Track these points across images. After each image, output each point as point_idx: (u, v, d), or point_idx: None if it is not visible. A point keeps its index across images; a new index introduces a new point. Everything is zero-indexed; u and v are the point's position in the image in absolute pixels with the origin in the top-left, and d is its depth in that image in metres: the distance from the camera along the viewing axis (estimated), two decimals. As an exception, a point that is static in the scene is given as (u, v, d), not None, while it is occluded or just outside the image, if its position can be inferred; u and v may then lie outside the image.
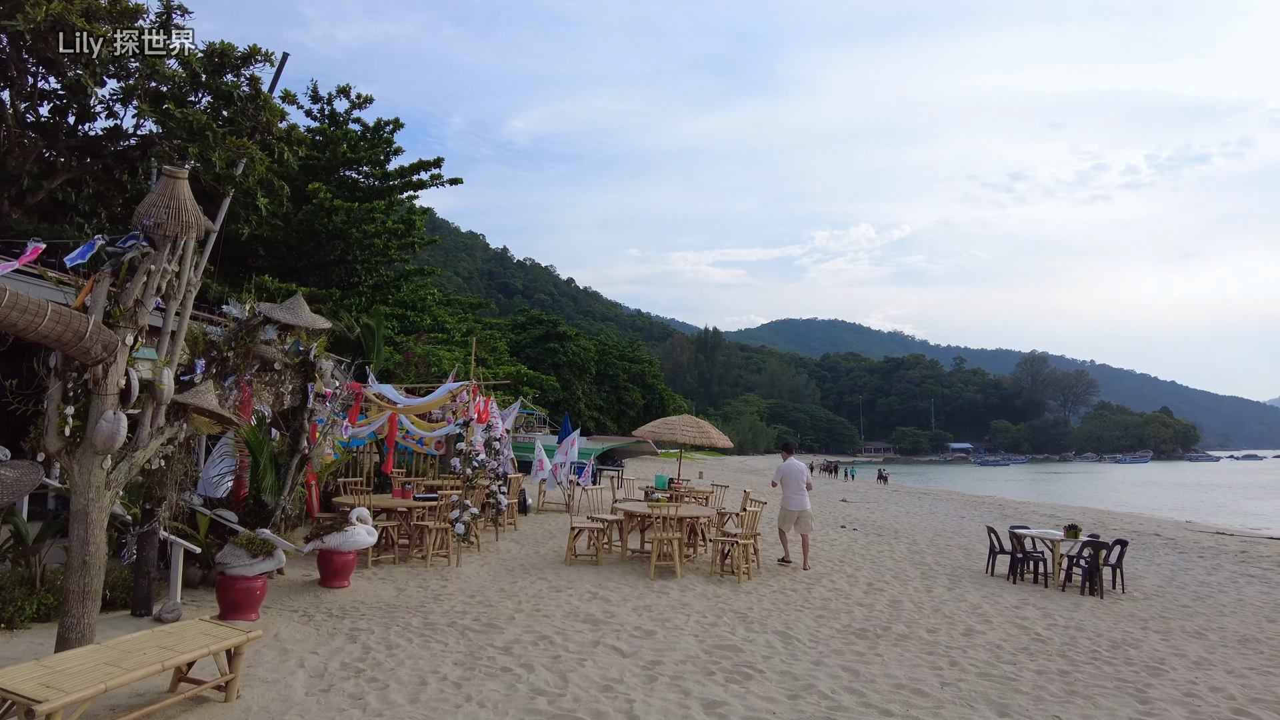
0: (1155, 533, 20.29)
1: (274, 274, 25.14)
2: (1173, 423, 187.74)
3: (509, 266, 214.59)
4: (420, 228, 31.51)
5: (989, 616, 8.69)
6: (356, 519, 8.34)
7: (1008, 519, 24.07)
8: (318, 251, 28.23)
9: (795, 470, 12.15)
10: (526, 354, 64.41)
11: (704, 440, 13.80)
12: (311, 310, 24.89)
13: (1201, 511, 34.42)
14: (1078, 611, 9.27)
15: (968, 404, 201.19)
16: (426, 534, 9.77)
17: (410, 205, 32.14)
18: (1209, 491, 53.12)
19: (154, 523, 6.22)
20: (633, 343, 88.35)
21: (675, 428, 13.89)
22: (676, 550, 9.51)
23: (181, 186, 5.09)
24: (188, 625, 4.83)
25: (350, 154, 28.29)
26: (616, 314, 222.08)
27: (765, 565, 11.07)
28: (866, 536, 16.28)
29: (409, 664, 5.92)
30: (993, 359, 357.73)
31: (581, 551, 11.11)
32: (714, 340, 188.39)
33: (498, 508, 11.86)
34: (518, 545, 11.88)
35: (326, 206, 26.33)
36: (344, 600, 7.85)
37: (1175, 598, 10.65)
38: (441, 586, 8.73)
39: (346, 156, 28.30)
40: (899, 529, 18.68)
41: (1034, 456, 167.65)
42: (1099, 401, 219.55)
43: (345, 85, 30.15)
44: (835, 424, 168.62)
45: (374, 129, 30.32)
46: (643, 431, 14.20)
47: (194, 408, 5.74)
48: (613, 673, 5.95)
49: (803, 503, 11.81)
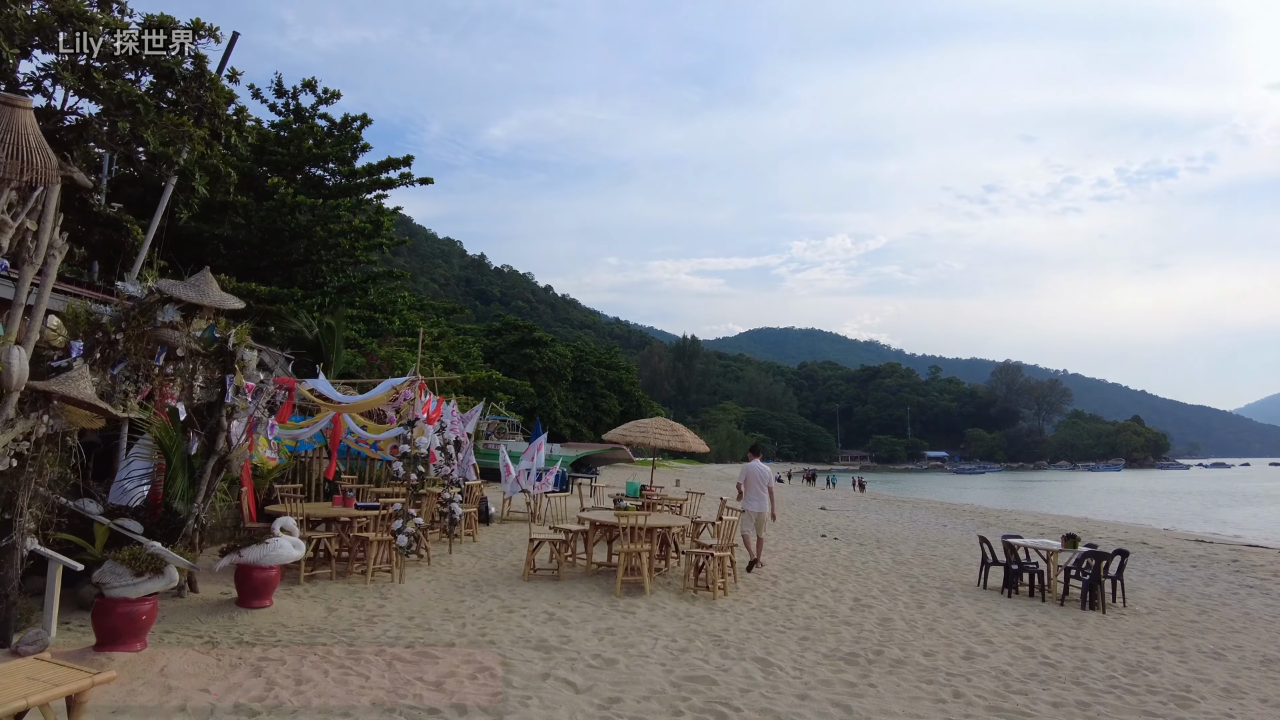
0: (1142, 541, 19.71)
1: (236, 274, 23.99)
2: (1144, 431, 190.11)
3: (486, 273, 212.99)
4: (389, 228, 30.43)
5: (989, 636, 7.87)
6: (280, 529, 7.34)
7: (991, 527, 23.43)
8: (280, 251, 27.07)
9: (760, 472, 11.77)
10: (501, 360, 63.22)
11: (678, 444, 12.90)
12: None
13: (1180, 519, 34.12)
14: (1082, 629, 8.49)
15: (943, 413, 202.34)
16: (368, 546, 8.78)
17: (379, 205, 31.05)
18: (1183, 499, 53.15)
19: (12, 536, 5.18)
20: (610, 349, 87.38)
21: (648, 431, 12.97)
22: (645, 564, 8.60)
23: (23, 119, 4.11)
24: (17, 665, 3.84)
25: (316, 150, 27.17)
26: (595, 321, 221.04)
27: (743, 579, 10.21)
28: (849, 546, 15.48)
29: (316, 704, 4.95)
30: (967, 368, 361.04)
31: (542, 565, 10.16)
32: (692, 348, 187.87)
33: (451, 517, 10.85)
34: (473, 558, 10.90)
35: (289, 203, 25.20)
36: (261, 623, 6.84)
37: (1180, 612, 9.93)
38: (379, 606, 7.73)
39: (312, 152, 27.17)
40: (881, 538, 17.92)
41: (1009, 465, 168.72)
42: (1072, 410, 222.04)
43: (311, 79, 28.99)
44: (813, 432, 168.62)
45: (341, 125, 29.23)
46: (614, 435, 13.31)
47: (59, 396, 4.76)
48: (561, 714, 5.02)
49: (763, 504, 11.46)
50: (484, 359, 57.27)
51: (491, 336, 68.53)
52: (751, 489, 11.73)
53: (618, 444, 34.78)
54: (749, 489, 11.70)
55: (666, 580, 9.84)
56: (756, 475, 11.75)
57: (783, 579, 10.61)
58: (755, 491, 11.70)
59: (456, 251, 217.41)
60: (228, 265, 25.86)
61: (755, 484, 11.73)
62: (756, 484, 11.72)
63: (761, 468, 11.81)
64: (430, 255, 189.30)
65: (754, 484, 11.74)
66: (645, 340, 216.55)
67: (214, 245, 26.43)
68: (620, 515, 8.76)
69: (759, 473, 11.76)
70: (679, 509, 13.05)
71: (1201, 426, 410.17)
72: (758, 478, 11.73)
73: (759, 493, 11.65)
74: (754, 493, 11.71)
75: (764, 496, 11.55)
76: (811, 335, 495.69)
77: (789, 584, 10.24)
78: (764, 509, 11.52)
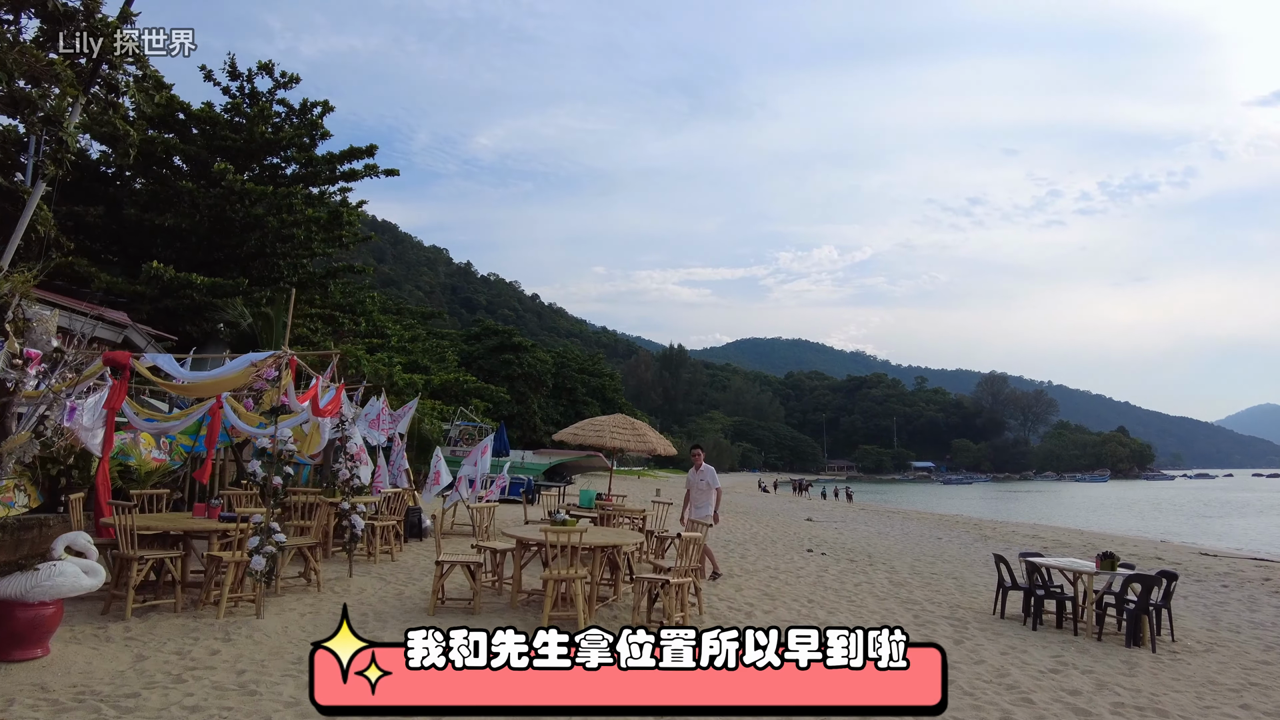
0: (1156, 556, 17.96)
1: (185, 267, 21.98)
2: (1129, 442, 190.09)
3: (472, 281, 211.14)
4: (354, 222, 28.44)
5: (1026, 691, 5.99)
6: (64, 550, 5.38)
7: (989, 540, 21.64)
8: (232, 243, 25.04)
9: (705, 479, 10.47)
10: (479, 365, 61.20)
11: (640, 444, 10.99)
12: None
13: (1179, 531, 32.53)
14: (1137, 676, 6.65)
15: (929, 423, 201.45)
16: (224, 569, 6.82)
17: (344, 199, 29.04)
18: (1175, 510, 51.67)
19: None
20: (592, 356, 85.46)
21: (604, 429, 11.04)
22: (580, 594, 6.70)
23: None
24: None
25: (271, 135, 25.17)
26: (582, 330, 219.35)
27: (710, 608, 8.29)
28: (838, 563, 13.60)
29: None
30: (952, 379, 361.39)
31: (458, 594, 8.25)
32: (679, 357, 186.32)
33: (353, 533, 8.85)
34: (380, 583, 8.94)
35: (238, 190, 23.20)
36: (14, 684, 4.87)
37: (1241, 649, 8.10)
38: (211, 654, 5.75)
39: (266, 138, 25.15)
40: (873, 553, 16.08)
41: (995, 475, 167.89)
42: (1058, 421, 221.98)
43: (268, 61, 27.01)
44: (799, 442, 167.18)
45: (301, 111, 27.25)
46: (564, 435, 11.37)
47: None
48: None
49: (707, 511, 10.27)
50: (461, 364, 55.24)
51: (469, 342, 66.51)
52: (697, 497, 10.30)
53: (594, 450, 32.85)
54: (696, 494, 10.29)
55: (614, 612, 7.93)
56: (692, 477, 10.44)
57: (760, 607, 8.69)
58: (700, 499, 10.29)
59: (442, 259, 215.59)
60: (178, 259, 23.82)
61: (702, 491, 10.32)
62: (693, 488, 10.37)
63: (706, 472, 10.39)
64: (416, 263, 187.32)
65: (700, 491, 10.33)
66: (632, 349, 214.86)
67: (161, 237, 24.39)
68: (551, 531, 6.83)
69: (706, 479, 10.37)
70: (639, 523, 11.13)
71: (1184, 438, 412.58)
72: (693, 479, 10.40)
73: (705, 499, 10.24)
74: (694, 498, 10.34)
75: (710, 502, 10.26)
76: (798, 346, 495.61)
77: (767, 614, 8.31)
78: (708, 515, 10.21)
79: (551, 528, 6.92)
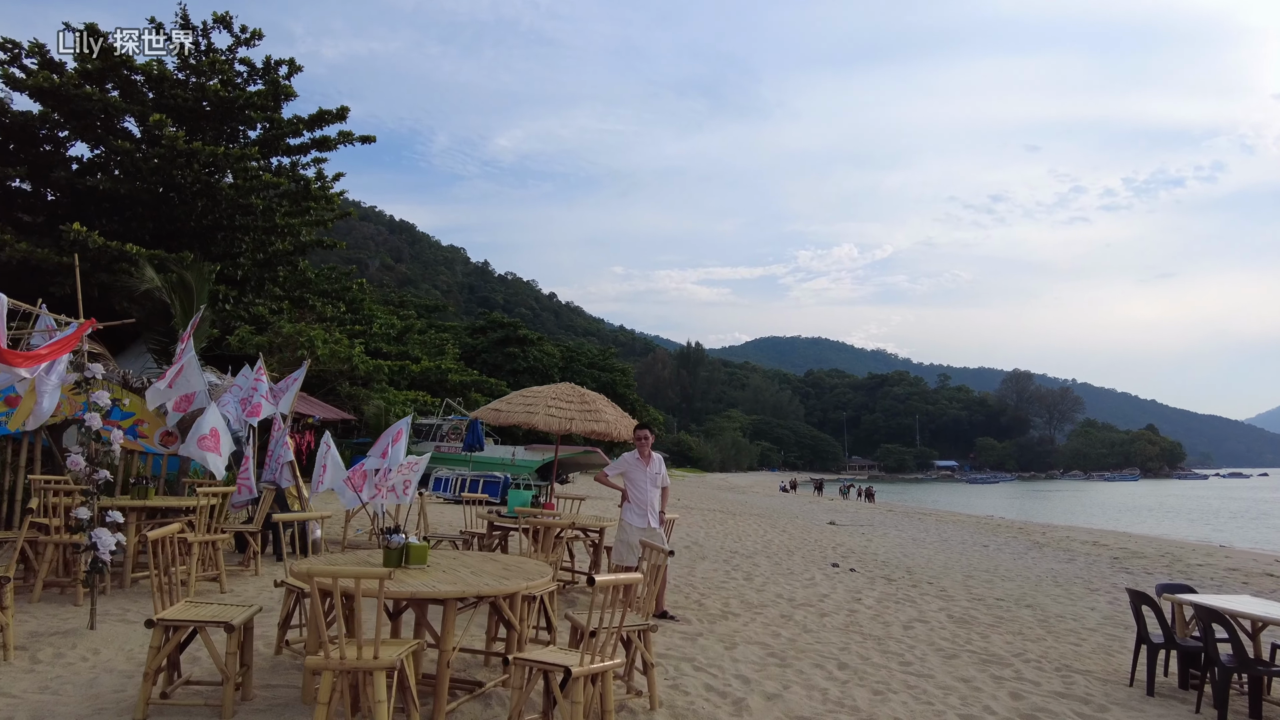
0: (1267, 573, 14.82)
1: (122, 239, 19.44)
2: (1159, 440, 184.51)
3: (489, 281, 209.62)
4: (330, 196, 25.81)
5: None
6: None
7: (1042, 549, 18.59)
8: (178, 213, 22.45)
9: (646, 468, 7.13)
10: (483, 359, 58.68)
11: (593, 426, 7.93)
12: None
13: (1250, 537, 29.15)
14: None
15: (952, 421, 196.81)
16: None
17: (319, 171, 26.39)
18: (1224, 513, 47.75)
19: None
20: (604, 351, 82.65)
21: (536, 405, 7.93)
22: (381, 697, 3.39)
23: None
24: None
25: (224, 93, 22.52)
26: (599, 329, 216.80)
27: (671, 706, 4.81)
28: (873, 585, 10.69)
29: None
30: (975, 377, 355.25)
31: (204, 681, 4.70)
32: (696, 355, 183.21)
33: (95, 559, 5.50)
34: (134, 636, 5.63)
35: (180, 149, 20.56)
36: None
37: None
38: None
39: (219, 95, 22.49)
40: (913, 567, 13.15)
41: (1020, 474, 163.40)
42: (1084, 419, 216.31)
43: (225, 13, 24.42)
44: (819, 441, 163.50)
45: (264, 70, 24.64)
46: (483, 412, 8.32)
47: None
48: None
49: (647, 515, 6.99)
50: (463, 358, 52.65)
51: (474, 335, 64.07)
52: (634, 492, 7.06)
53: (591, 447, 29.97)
54: (630, 491, 7.11)
55: (493, 713, 4.45)
56: (641, 472, 7.10)
57: (761, 687, 5.23)
58: (637, 496, 7.04)
59: (460, 259, 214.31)
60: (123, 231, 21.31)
61: (640, 484, 7.06)
62: (640, 485, 7.06)
63: (648, 462, 7.14)
64: (433, 262, 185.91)
65: (638, 484, 7.06)
66: (650, 348, 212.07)
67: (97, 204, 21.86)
68: (331, 574, 3.53)
69: (645, 468, 7.10)
70: (593, 539, 8.11)
71: (1213, 436, 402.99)
72: (643, 475, 7.08)
73: (644, 498, 7.02)
74: (636, 498, 7.04)
75: (651, 503, 7.04)
76: (818, 344, 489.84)
77: (771, 705, 4.89)
78: (650, 523, 6.96)
79: (357, 570, 3.60)
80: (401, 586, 3.82)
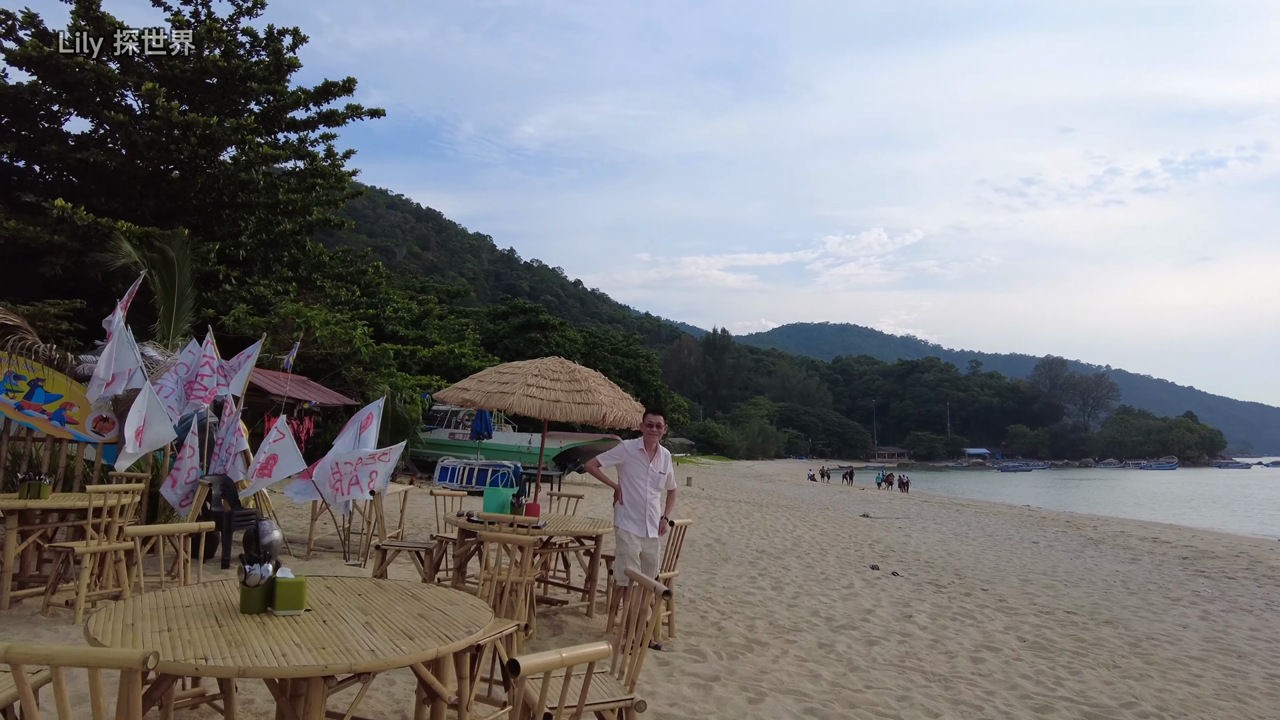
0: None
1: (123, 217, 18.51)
2: (1198, 428, 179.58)
3: (515, 268, 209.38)
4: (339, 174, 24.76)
5: None
6: None
7: (1099, 545, 17.05)
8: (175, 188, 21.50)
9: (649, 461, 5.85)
10: (505, 345, 57.73)
11: (583, 409, 6.51)
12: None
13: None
14: None
15: (984, 408, 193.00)
16: None
17: (328, 149, 25.36)
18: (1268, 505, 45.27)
19: None
20: (628, 337, 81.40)
21: (513, 385, 6.43)
22: None
23: None
24: None
25: (223, 63, 21.46)
26: (625, 316, 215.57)
27: None
28: (920, 592, 9.33)
29: None
30: (1007, 363, 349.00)
31: None
32: (722, 342, 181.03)
33: None
34: None
35: (174, 121, 19.55)
36: None
37: None
38: None
39: (218, 65, 21.44)
40: (961, 569, 11.77)
41: (1054, 462, 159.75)
42: (1120, 406, 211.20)
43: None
44: (848, 428, 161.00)
45: (267, 40, 23.56)
46: (447, 394, 6.92)
47: None
48: None
49: (645, 522, 5.73)
50: (485, 344, 51.74)
51: (495, 320, 63.13)
52: (628, 490, 5.79)
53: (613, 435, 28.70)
54: (625, 489, 5.82)
55: None
56: (640, 466, 5.81)
57: None
58: (632, 496, 5.76)
59: (486, 246, 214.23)
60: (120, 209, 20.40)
61: (637, 481, 5.77)
62: (638, 482, 5.77)
63: (653, 457, 5.85)
64: (459, 250, 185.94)
65: (635, 481, 5.78)
66: (675, 335, 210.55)
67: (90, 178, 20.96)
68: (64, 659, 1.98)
69: (648, 463, 5.81)
70: (595, 545, 6.57)
71: (1254, 424, 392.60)
72: (643, 471, 5.79)
73: (640, 499, 5.75)
74: (630, 498, 5.77)
75: (650, 506, 5.75)
76: (847, 330, 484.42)
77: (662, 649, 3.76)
78: (648, 532, 5.73)
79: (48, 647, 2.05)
80: (226, 659, 2.33)
